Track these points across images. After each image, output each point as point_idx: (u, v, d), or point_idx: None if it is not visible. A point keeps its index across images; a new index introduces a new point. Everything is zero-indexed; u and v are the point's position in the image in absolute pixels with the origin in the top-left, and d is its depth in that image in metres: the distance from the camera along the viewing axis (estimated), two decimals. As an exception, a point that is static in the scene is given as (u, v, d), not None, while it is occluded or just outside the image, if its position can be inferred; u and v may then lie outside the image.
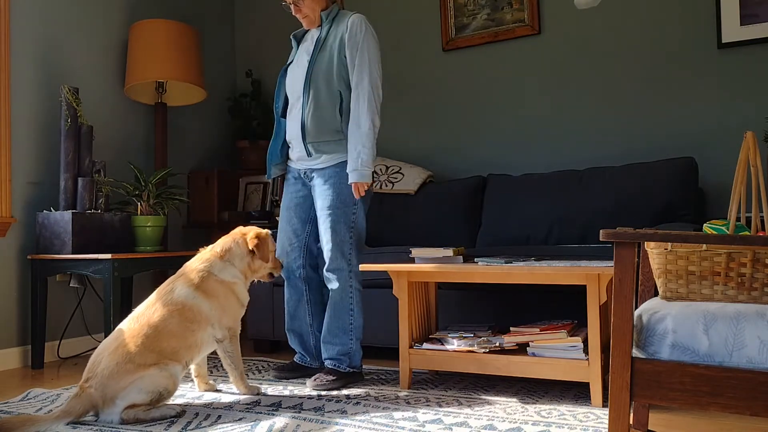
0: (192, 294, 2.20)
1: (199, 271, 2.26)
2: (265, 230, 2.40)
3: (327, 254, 2.49)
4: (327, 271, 2.50)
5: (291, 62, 2.63)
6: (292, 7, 2.52)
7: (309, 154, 2.50)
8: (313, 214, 2.62)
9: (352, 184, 2.43)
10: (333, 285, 2.50)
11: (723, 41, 3.15)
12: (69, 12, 3.44)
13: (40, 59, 3.28)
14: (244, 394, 2.34)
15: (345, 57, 2.46)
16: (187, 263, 2.33)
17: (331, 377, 2.43)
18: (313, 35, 2.59)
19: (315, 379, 2.43)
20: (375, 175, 3.62)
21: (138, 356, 2.02)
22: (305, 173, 2.59)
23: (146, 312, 2.15)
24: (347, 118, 2.48)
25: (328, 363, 2.52)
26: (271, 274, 2.45)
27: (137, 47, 3.51)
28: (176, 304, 2.17)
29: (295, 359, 2.70)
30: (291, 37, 2.67)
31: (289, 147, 2.65)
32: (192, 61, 3.58)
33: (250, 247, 2.32)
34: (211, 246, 2.37)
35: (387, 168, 3.66)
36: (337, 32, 2.49)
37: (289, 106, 2.60)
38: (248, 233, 2.36)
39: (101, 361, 2.01)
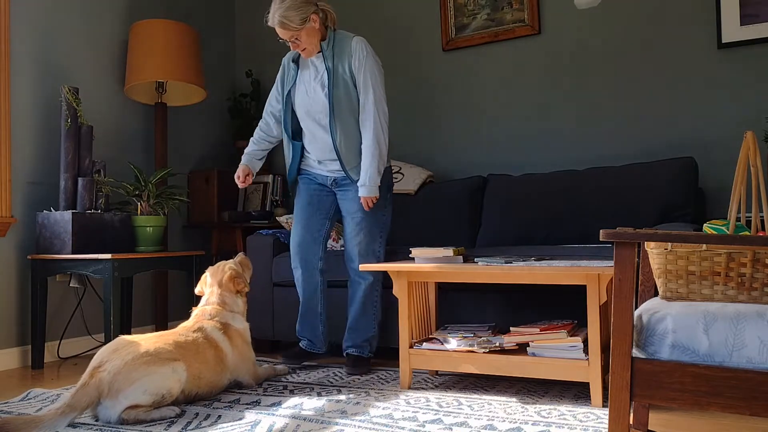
0: (222, 337, 2.34)
1: (218, 320, 2.39)
2: (228, 265, 2.56)
3: (360, 253, 2.66)
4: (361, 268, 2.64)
5: (294, 85, 2.71)
6: (290, 43, 2.58)
7: (351, 179, 2.65)
8: (332, 213, 2.79)
9: (361, 198, 2.60)
10: (365, 280, 2.68)
11: (723, 41, 3.15)
12: (69, 12, 3.44)
13: (40, 59, 3.28)
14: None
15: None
16: (196, 318, 2.42)
17: (358, 365, 2.66)
18: (315, 63, 2.66)
19: (349, 368, 2.65)
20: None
21: (163, 352, 2.06)
22: (335, 180, 2.74)
23: (173, 334, 2.23)
24: None
25: (352, 351, 2.71)
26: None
27: (137, 47, 3.51)
28: (210, 340, 2.29)
29: (302, 345, 2.81)
30: (291, 61, 2.72)
31: (302, 157, 2.80)
32: (192, 61, 3.58)
33: (237, 289, 2.51)
34: (202, 303, 2.50)
35: (387, 168, 3.66)
36: (343, 60, 2.60)
37: (306, 129, 2.73)
38: (224, 280, 2.50)
39: (120, 349, 2.03)
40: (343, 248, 3.09)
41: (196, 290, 2.58)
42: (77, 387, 1.96)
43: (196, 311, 2.45)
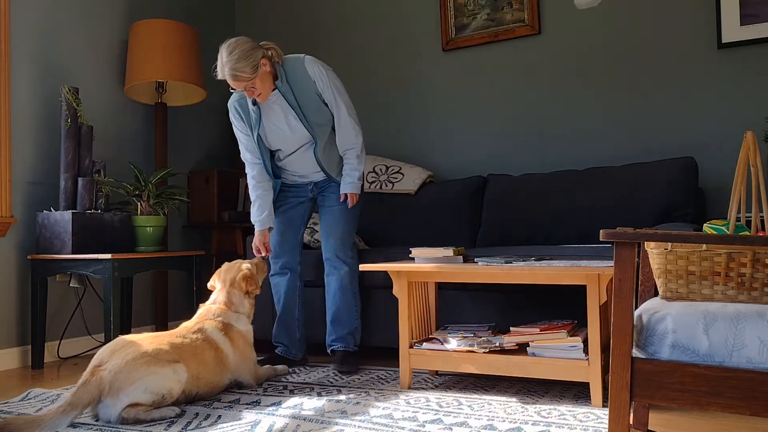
0: (222, 338, 2.34)
1: (220, 321, 2.39)
2: (244, 264, 2.57)
3: (336, 243, 2.72)
4: (337, 258, 2.72)
5: (260, 126, 2.67)
6: (245, 92, 2.55)
7: (335, 182, 2.76)
8: (306, 219, 2.86)
9: (348, 194, 2.71)
10: (341, 269, 2.72)
11: (723, 41, 3.15)
12: (69, 12, 3.44)
13: (40, 59, 3.28)
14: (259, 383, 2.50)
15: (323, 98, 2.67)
16: (199, 318, 2.42)
17: (347, 361, 2.67)
18: (278, 102, 2.64)
19: (337, 365, 2.65)
20: (375, 175, 3.66)
21: (163, 352, 2.07)
22: (315, 185, 2.81)
23: (170, 336, 2.22)
24: None
25: (337, 346, 2.73)
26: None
27: (137, 47, 3.51)
28: (210, 341, 2.29)
29: (277, 352, 2.83)
30: (251, 104, 2.64)
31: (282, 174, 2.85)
32: (192, 61, 3.58)
33: (247, 290, 2.51)
34: (210, 300, 2.50)
35: (387, 168, 3.66)
36: (305, 86, 2.61)
37: (285, 155, 2.75)
38: (236, 279, 2.51)
39: (120, 349, 2.03)
40: None
41: (209, 284, 2.58)
42: (78, 385, 1.96)
43: (200, 310, 2.45)
